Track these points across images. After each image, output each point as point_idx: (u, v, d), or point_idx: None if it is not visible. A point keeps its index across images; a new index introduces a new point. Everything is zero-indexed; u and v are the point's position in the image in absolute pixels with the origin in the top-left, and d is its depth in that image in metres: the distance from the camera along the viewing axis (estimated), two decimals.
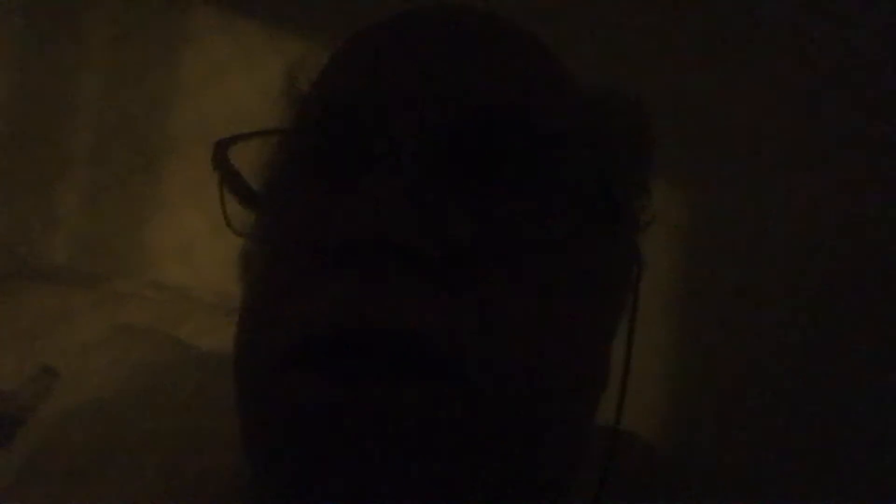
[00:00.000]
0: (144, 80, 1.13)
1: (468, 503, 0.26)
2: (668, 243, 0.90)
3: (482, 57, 0.30)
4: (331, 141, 0.30)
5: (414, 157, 0.27)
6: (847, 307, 0.84)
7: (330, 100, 0.31)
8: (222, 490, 0.35)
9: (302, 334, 0.26)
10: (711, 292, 0.91)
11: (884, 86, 0.86)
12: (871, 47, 0.87)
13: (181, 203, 1.10)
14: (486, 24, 0.31)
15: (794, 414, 0.84)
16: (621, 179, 0.32)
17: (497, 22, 0.32)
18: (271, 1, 1.10)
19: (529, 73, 0.31)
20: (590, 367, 0.31)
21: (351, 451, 0.24)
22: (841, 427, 0.82)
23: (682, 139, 0.90)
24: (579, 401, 0.30)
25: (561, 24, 0.89)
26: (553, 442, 0.28)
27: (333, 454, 0.25)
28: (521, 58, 0.31)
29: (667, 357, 0.90)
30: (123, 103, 1.14)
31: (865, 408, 0.81)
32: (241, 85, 1.06)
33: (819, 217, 0.87)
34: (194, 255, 1.09)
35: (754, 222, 0.90)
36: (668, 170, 0.90)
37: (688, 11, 0.94)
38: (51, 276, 1.01)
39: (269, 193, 0.32)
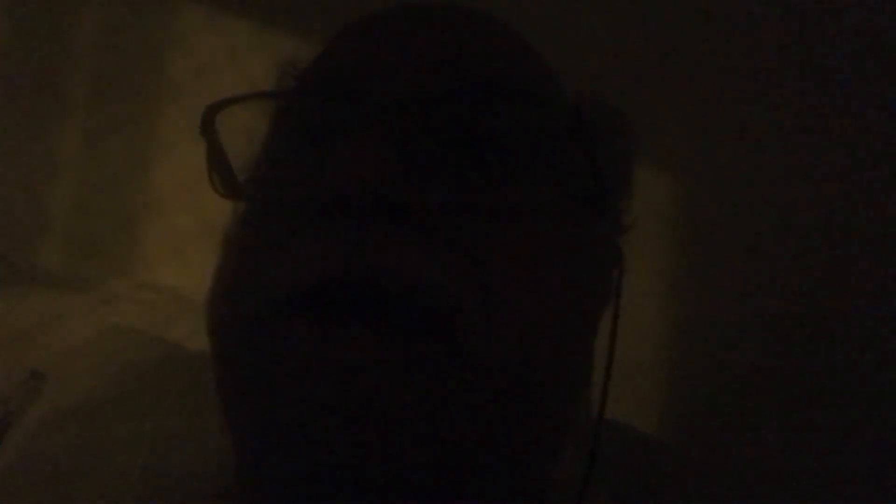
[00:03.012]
0: (132, 80, 1.13)
1: (449, 469, 0.26)
2: (659, 232, 0.90)
3: (469, 34, 0.32)
4: (320, 103, 0.30)
5: (400, 117, 0.27)
6: (843, 300, 0.84)
7: (322, 68, 0.32)
8: (208, 491, 0.35)
9: (290, 283, 0.26)
10: (704, 283, 0.90)
11: (882, 80, 0.86)
12: (871, 43, 0.87)
13: (173, 204, 1.10)
14: (474, 13, 0.33)
15: (789, 405, 0.84)
16: (604, 171, 0.33)
17: (485, 14, 0.34)
18: None
19: (514, 54, 0.33)
20: (571, 345, 0.30)
21: (335, 400, 0.24)
22: (838, 420, 0.82)
23: (676, 131, 0.90)
24: (561, 379, 0.30)
25: (553, 21, 0.89)
26: (535, 419, 0.28)
27: (317, 403, 0.24)
28: (507, 41, 0.34)
29: (660, 348, 0.90)
30: (112, 104, 1.13)
31: (863, 401, 0.81)
32: (229, 84, 1.06)
33: (815, 209, 0.87)
34: (186, 255, 1.09)
35: (748, 211, 0.89)
36: (662, 160, 0.90)
37: (683, 8, 0.93)
38: (42, 279, 1.01)
39: (259, 158, 0.33)
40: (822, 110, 0.87)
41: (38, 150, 1.15)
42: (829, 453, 0.80)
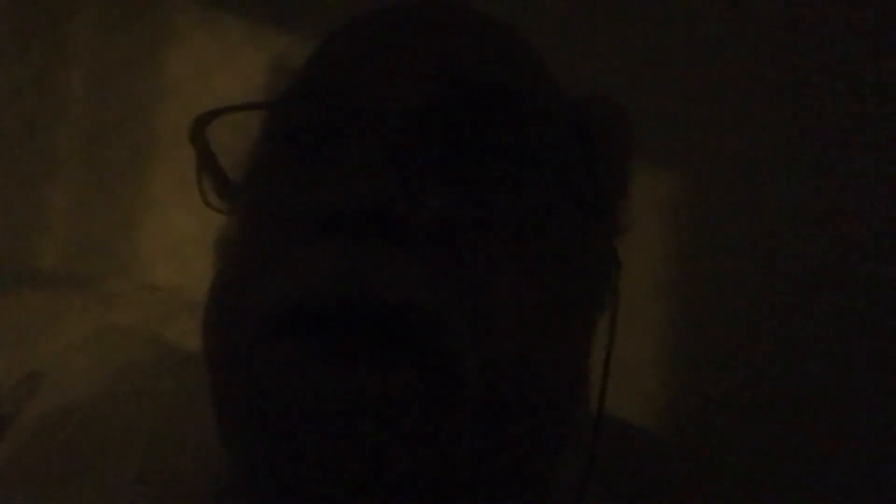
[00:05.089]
0: (128, 80, 1.12)
1: (446, 481, 0.25)
2: (660, 230, 0.90)
3: (466, 38, 0.31)
4: (315, 113, 0.30)
5: (396, 130, 0.26)
6: (843, 295, 0.84)
7: (314, 75, 0.31)
8: (204, 491, 0.35)
9: (283, 303, 0.25)
10: (705, 281, 0.90)
11: (881, 78, 0.86)
12: (869, 41, 0.86)
13: (169, 203, 1.10)
14: (470, 13, 0.33)
15: (789, 404, 0.84)
16: (603, 175, 0.32)
17: (481, 14, 0.33)
18: None
19: (511, 56, 0.33)
20: (571, 354, 0.30)
21: (331, 424, 0.24)
22: (839, 419, 0.81)
23: (676, 126, 0.89)
24: (561, 387, 0.30)
25: (552, 20, 0.88)
26: (533, 424, 0.28)
27: (313, 426, 0.24)
28: (504, 42, 0.33)
29: (658, 348, 0.90)
30: (109, 103, 1.13)
31: (863, 401, 0.81)
32: (226, 83, 1.06)
33: (815, 208, 0.87)
34: (184, 254, 1.09)
35: (747, 210, 0.89)
36: (662, 156, 0.90)
37: (683, 7, 0.93)
38: (39, 279, 1.01)
39: (252, 168, 0.33)
40: (822, 109, 0.87)
41: (35, 149, 1.15)
42: (829, 453, 0.80)
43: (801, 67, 0.88)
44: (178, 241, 1.10)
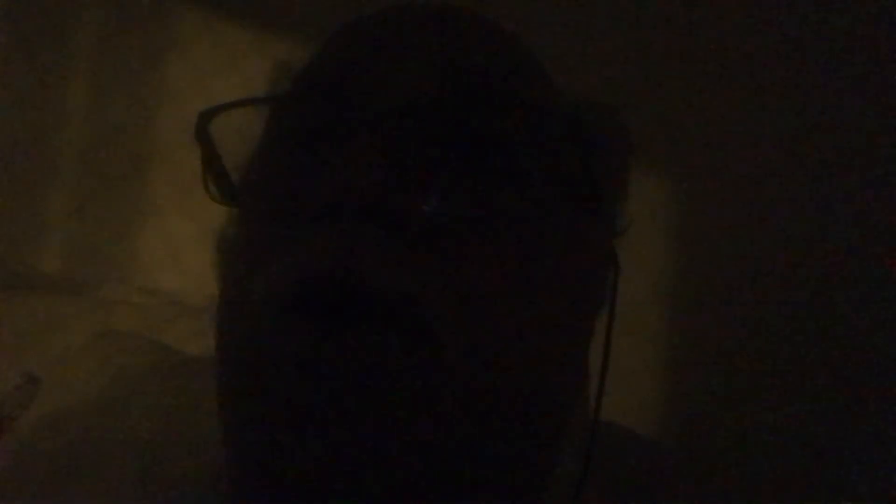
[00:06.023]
0: (130, 86, 1.13)
1: (440, 471, 0.26)
2: (658, 233, 0.90)
3: (464, 39, 0.31)
4: (316, 110, 0.30)
5: (395, 125, 0.27)
6: (841, 298, 0.84)
7: (316, 73, 0.32)
8: (201, 493, 0.35)
9: (277, 286, 0.26)
10: (704, 284, 0.90)
11: (880, 83, 0.86)
12: (869, 45, 0.87)
13: (169, 208, 1.10)
14: (468, 15, 0.33)
15: (787, 405, 0.84)
16: (598, 172, 0.33)
17: (479, 16, 0.33)
18: (255, 4, 1.10)
19: (509, 56, 0.32)
20: (563, 352, 0.30)
21: (321, 402, 0.24)
22: (837, 419, 0.82)
23: (672, 132, 0.90)
24: (555, 383, 0.30)
25: (550, 21, 0.89)
26: (528, 422, 0.28)
27: (305, 403, 0.24)
28: (501, 43, 0.33)
29: (656, 349, 0.90)
30: (109, 110, 1.14)
31: (863, 401, 0.81)
32: (226, 89, 1.06)
33: (812, 209, 0.87)
34: (183, 260, 1.09)
35: (745, 212, 0.89)
36: (658, 161, 0.91)
37: (682, 11, 0.94)
38: (40, 284, 1.01)
39: (255, 163, 0.33)
40: (820, 111, 0.88)
41: (36, 155, 1.15)
42: (828, 453, 0.80)
43: (800, 70, 0.89)
44: (177, 247, 1.10)
